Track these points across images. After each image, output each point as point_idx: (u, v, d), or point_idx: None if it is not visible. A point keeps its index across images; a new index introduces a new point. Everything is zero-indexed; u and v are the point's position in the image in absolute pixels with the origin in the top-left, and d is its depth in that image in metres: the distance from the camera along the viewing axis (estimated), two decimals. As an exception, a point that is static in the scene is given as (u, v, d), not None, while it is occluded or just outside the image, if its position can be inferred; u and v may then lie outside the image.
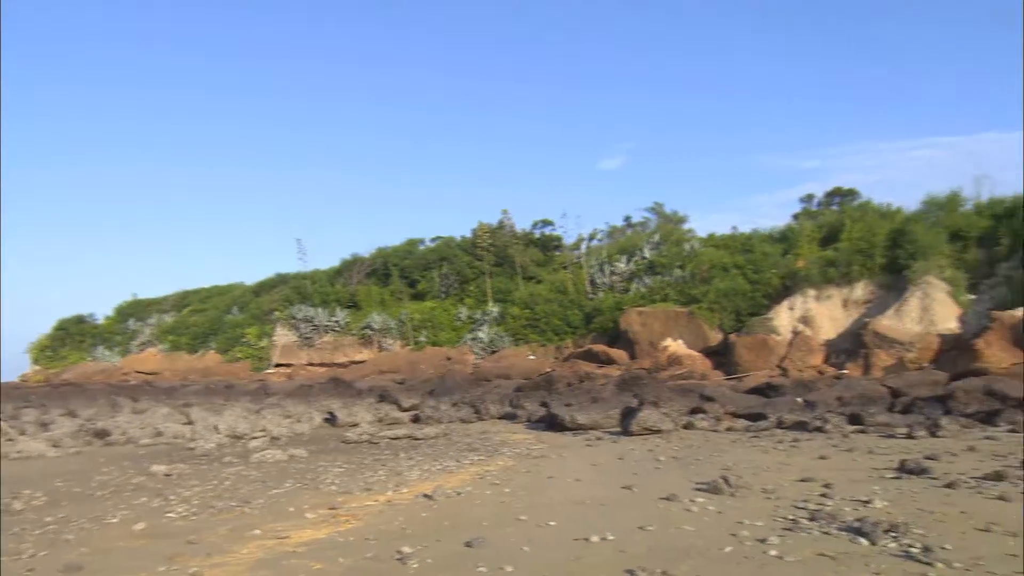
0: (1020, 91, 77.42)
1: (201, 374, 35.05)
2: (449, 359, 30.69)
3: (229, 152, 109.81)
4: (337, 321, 36.21)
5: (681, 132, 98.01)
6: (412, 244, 42.33)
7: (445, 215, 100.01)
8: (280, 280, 43.82)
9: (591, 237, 38.72)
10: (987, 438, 10.12)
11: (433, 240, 42.23)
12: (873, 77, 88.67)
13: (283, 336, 37.04)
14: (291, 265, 52.12)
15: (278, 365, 35.87)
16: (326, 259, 63.93)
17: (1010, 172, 79.52)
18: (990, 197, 26.72)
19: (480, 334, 32.75)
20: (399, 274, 39.21)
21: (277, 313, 38.15)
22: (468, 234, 39.98)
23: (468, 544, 4.85)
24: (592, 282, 33.18)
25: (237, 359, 37.15)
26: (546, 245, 39.63)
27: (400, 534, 5.25)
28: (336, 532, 5.42)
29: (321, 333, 36.30)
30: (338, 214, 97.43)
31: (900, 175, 75.68)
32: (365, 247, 47.78)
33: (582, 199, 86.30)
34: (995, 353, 18.86)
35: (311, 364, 35.33)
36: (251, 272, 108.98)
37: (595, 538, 4.89)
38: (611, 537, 4.90)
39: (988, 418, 11.84)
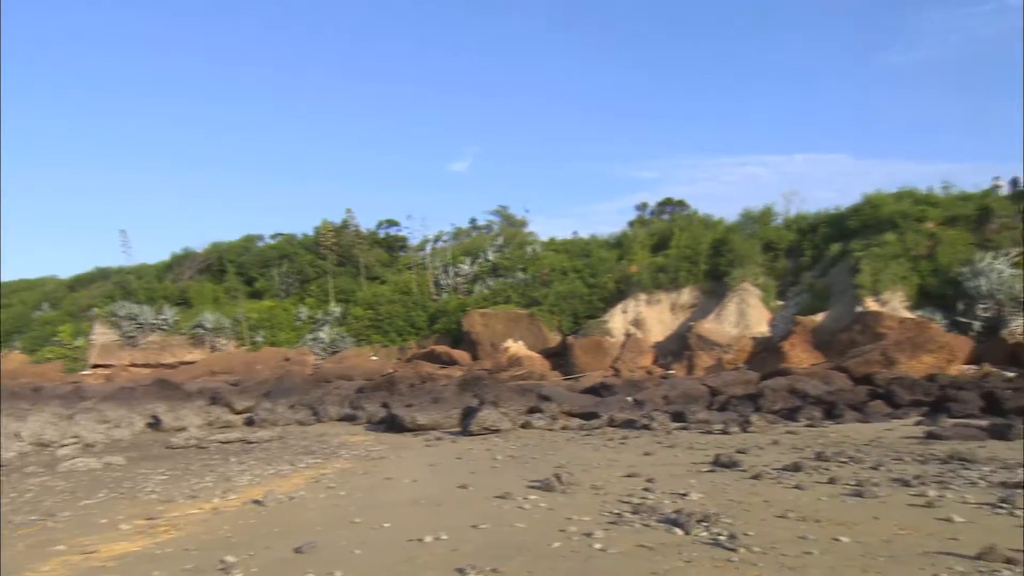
0: (830, 115, 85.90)
1: (4, 376, 31.61)
2: (288, 360, 29.59)
3: (45, 138, 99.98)
4: (165, 319, 33.94)
5: (527, 138, 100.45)
6: (250, 240, 40.48)
7: (287, 213, 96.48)
8: (100, 274, 40.45)
9: (436, 239, 38.79)
10: (788, 432, 11.16)
11: (273, 237, 40.64)
12: (709, 95, 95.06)
13: (102, 335, 34.19)
14: (114, 259, 48.23)
15: (96, 366, 33.01)
16: (154, 253, 59.71)
17: (817, 190, 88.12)
18: (797, 213, 29.50)
19: (321, 334, 31.88)
20: (235, 271, 37.35)
21: (96, 310, 35.19)
22: (311, 232, 38.87)
23: (298, 550, 4.74)
24: (436, 283, 33.24)
25: (47, 359, 33.88)
26: (391, 245, 39.25)
27: (225, 543, 5.03)
28: (153, 544, 5.10)
29: (146, 332, 33.86)
30: (168, 208, 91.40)
31: (726, 189, 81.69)
32: (198, 242, 45.06)
33: (434, 200, 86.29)
34: (798, 354, 20.80)
35: (134, 365, 32.81)
36: (65, 265, 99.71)
37: (428, 538, 4.93)
38: (444, 537, 4.96)
39: (790, 414, 13.04)
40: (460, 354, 27.33)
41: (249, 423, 15.18)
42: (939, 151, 78.39)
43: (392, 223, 40.45)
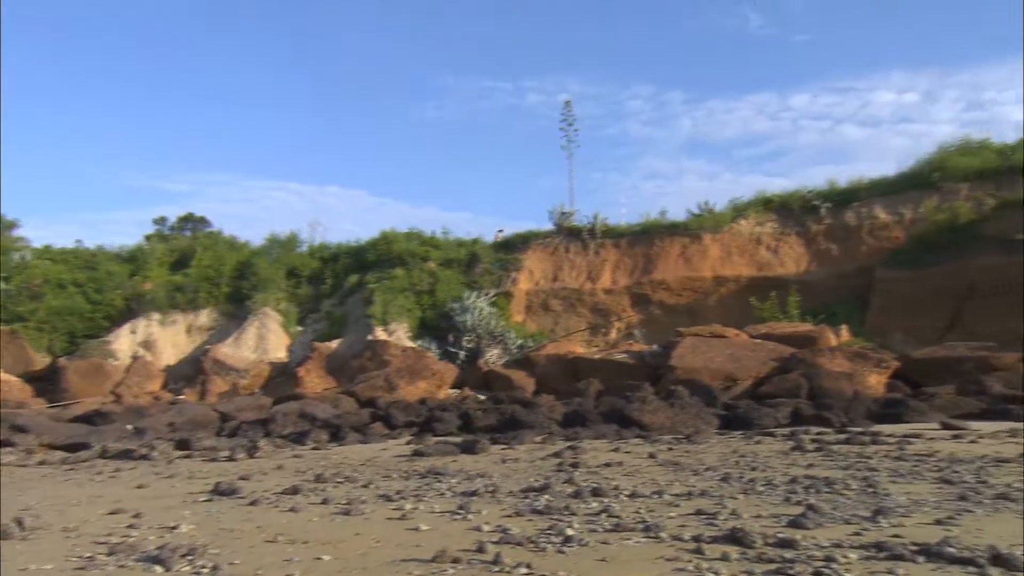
0: (357, 152, 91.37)
1: None
2: None
3: None
4: None
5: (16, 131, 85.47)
6: None
7: None
8: None
9: None
10: (295, 456, 11.46)
11: None
12: (248, 116, 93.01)
13: None
14: None
15: None
16: None
17: (343, 222, 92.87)
18: (321, 242, 30.79)
19: None
20: None
21: None
22: None
23: None
24: None
25: None
26: None
27: None
28: None
29: None
30: None
31: (259, 212, 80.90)
32: None
33: None
34: (313, 380, 21.56)
35: None
36: None
37: None
38: None
39: (299, 438, 13.41)
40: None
41: None
42: (437, 199, 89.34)
43: None
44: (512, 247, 28.00)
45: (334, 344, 23.92)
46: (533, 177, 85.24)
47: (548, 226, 28.30)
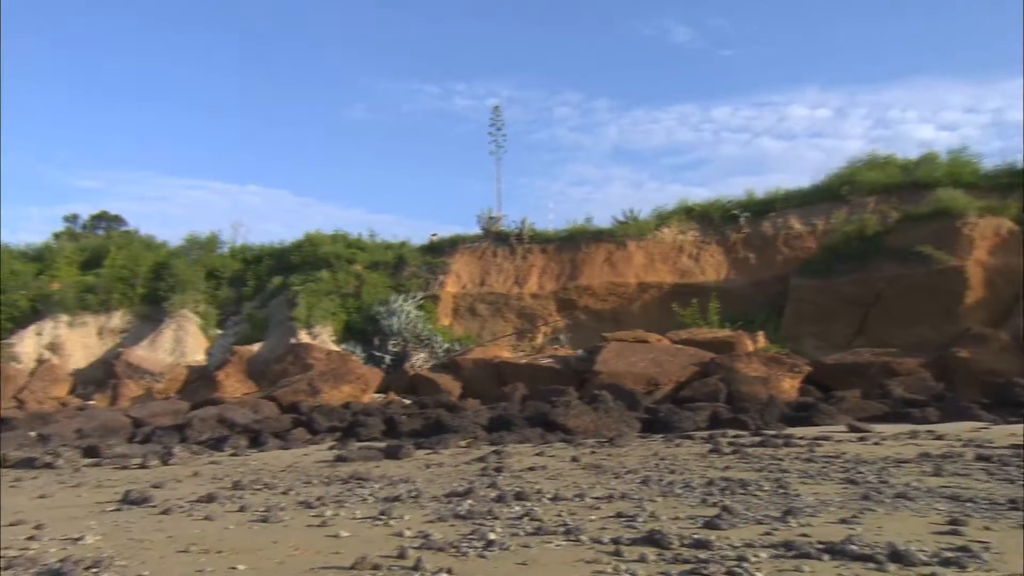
0: (279, 152, 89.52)
1: None
2: None
3: None
4: None
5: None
6: None
7: None
8: None
9: None
10: (212, 463, 11.12)
11: None
12: (165, 114, 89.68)
13: None
14: None
15: None
16: None
17: (266, 223, 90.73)
18: (243, 243, 29.99)
19: None
20: None
21: None
22: None
23: None
24: None
25: None
26: None
27: None
28: None
29: None
30: None
31: (177, 210, 78.08)
32: None
33: None
34: (232, 384, 20.96)
35: None
36: None
37: None
38: None
39: (217, 444, 13.04)
40: None
41: None
42: (365, 202, 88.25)
43: None
44: (440, 251, 27.89)
45: (255, 347, 23.32)
46: (462, 181, 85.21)
47: (476, 230, 28.34)
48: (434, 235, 29.29)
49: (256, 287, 27.07)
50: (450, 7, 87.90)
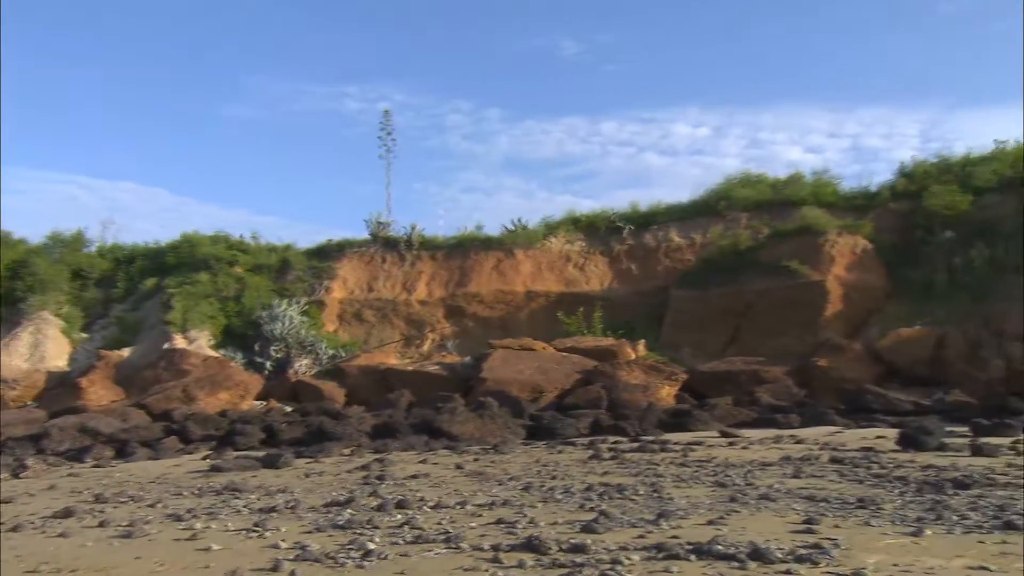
0: (154, 150, 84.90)
1: None
2: None
3: None
4: None
5: None
6: None
7: None
8: None
9: None
10: (71, 475, 10.43)
11: None
12: (25, 105, 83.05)
13: None
14: None
15: None
16: None
17: (141, 221, 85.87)
18: (113, 242, 28.27)
19: None
20: None
21: None
22: None
23: None
24: None
25: None
26: None
27: None
28: None
29: None
30: None
31: (40, 206, 72.35)
32: None
33: None
34: (98, 391, 19.66)
35: None
36: None
37: None
38: None
39: (78, 455, 12.23)
40: None
41: None
42: (249, 203, 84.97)
43: None
44: (326, 255, 27.25)
45: (125, 352, 22.01)
46: (351, 184, 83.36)
47: (365, 235, 27.89)
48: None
49: (127, 288, 25.58)
50: (339, 8, 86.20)
